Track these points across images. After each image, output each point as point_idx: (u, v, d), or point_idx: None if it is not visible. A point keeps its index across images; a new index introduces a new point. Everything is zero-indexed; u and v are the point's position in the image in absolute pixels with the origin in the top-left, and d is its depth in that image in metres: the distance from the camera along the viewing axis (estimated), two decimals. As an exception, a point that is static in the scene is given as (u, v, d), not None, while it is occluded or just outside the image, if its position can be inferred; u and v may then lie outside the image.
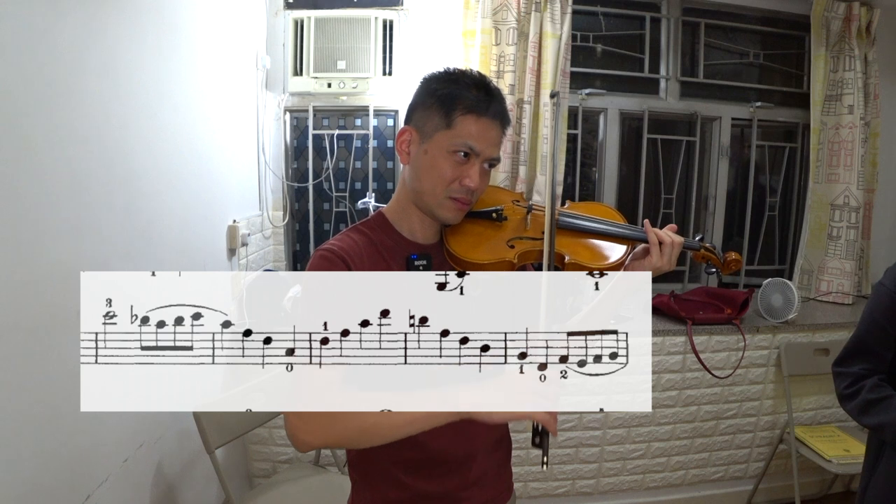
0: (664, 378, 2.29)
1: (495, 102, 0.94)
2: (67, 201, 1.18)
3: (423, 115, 0.95)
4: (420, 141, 0.95)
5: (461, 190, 0.94)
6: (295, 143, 2.55)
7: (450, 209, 0.95)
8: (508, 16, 2.31)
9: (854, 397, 1.29)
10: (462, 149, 0.92)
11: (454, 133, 0.92)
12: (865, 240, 2.75)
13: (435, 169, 0.93)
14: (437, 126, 0.93)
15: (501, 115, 0.95)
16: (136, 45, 1.44)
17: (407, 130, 0.97)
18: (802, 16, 2.63)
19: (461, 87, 0.93)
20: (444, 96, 0.93)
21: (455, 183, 0.93)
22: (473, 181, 0.93)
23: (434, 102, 0.94)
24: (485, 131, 0.93)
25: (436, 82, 0.96)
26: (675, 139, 2.77)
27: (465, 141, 0.92)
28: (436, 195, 0.94)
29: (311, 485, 1.86)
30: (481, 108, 0.92)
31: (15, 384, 1.04)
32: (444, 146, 0.92)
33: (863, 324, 1.33)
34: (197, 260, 1.83)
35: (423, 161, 0.94)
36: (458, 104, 0.92)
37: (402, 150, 0.98)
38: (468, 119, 0.92)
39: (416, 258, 0.96)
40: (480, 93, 0.93)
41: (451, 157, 0.92)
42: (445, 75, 0.96)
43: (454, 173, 0.93)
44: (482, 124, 0.92)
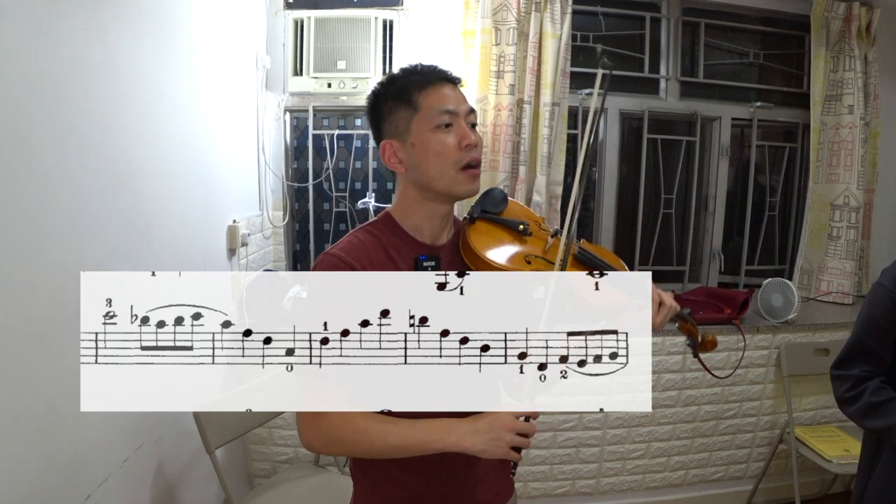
0: (664, 378, 2.29)
1: (435, 69, 0.97)
2: (67, 201, 1.18)
3: (389, 121, 0.96)
4: (402, 143, 0.95)
5: (467, 153, 0.94)
6: (295, 143, 2.55)
7: (466, 180, 0.95)
8: (508, 16, 2.31)
9: (856, 401, 1.26)
10: (442, 118, 0.93)
11: (425, 111, 0.93)
12: (865, 240, 2.75)
13: (431, 152, 0.93)
14: (408, 117, 0.94)
15: (446, 75, 0.97)
16: (135, 46, 1.44)
17: (386, 144, 0.97)
18: (802, 16, 2.63)
19: (403, 78, 0.96)
20: (395, 92, 0.95)
21: (456, 151, 0.93)
22: (470, 137, 0.94)
23: (391, 103, 0.96)
24: (447, 92, 0.95)
25: (381, 89, 0.98)
26: (675, 139, 2.77)
27: (439, 108, 0.93)
28: (446, 175, 0.94)
29: (311, 485, 1.86)
30: (429, 79, 0.95)
31: (15, 384, 1.04)
32: (425, 127, 0.93)
33: (861, 325, 1.30)
34: (197, 260, 1.83)
35: (416, 154, 0.94)
36: (411, 88, 0.94)
37: (392, 164, 0.97)
38: (428, 92, 0.94)
39: (424, 259, 0.96)
40: (420, 71, 0.96)
41: (438, 132, 0.93)
42: (385, 80, 0.99)
43: (450, 142, 0.93)
44: (440, 89, 0.94)
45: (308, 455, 2.12)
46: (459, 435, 0.87)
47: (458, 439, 0.87)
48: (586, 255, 1.04)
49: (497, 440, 0.87)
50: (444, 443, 0.88)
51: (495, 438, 0.87)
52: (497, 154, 2.36)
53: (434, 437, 0.88)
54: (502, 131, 2.34)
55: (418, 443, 0.88)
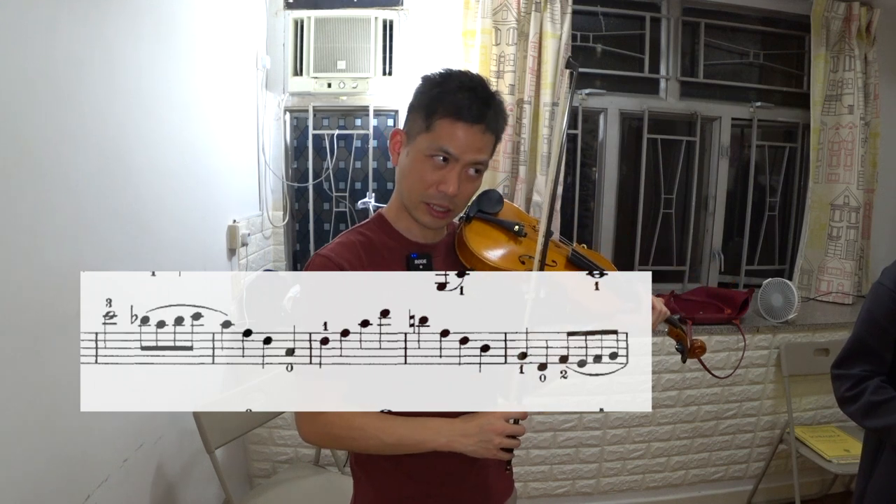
0: (664, 378, 2.29)
1: (481, 106, 0.90)
2: (67, 201, 1.18)
3: (410, 118, 0.96)
4: (406, 143, 0.95)
5: (438, 195, 0.92)
6: (295, 143, 2.55)
7: (425, 213, 0.94)
8: (508, 16, 2.31)
9: (856, 400, 1.26)
10: (439, 153, 0.90)
11: (432, 136, 0.90)
12: (865, 240, 2.75)
13: (414, 172, 0.93)
14: (419, 129, 0.92)
15: (486, 118, 0.91)
16: (135, 46, 1.44)
17: (398, 132, 0.97)
18: (802, 16, 2.63)
19: (445, 90, 0.91)
20: (426, 99, 0.92)
21: (432, 188, 0.91)
22: (451, 187, 0.90)
23: (417, 105, 0.94)
24: (465, 136, 0.90)
25: (424, 84, 0.95)
26: (675, 139, 2.76)
27: (442, 145, 0.90)
28: (412, 198, 0.94)
29: (311, 485, 1.86)
30: (462, 112, 0.89)
31: (15, 384, 1.04)
32: (423, 149, 0.91)
33: (862, 325, 1.30)
34: (197, 260, 1.83)
35: (405, 163, 0.95)
36: (439, 107, 0.90)
37: (393, 150, 0.98)
38: (445, 122, 0.89)
39: (416, 257, 0.96)
40: (465, 95, 0.90)
41: (430, 161, 0.91)
42: (436, 77, 0.94)
43: (432, 178, 0.91)
44: (462, 128, 0.89)
45: (308, 455, 2.12)
46: (450, 436, 0.90)
47: (449, 440, 0.90)
48: (579, 257, 1.05)
49: (486, 443, 0.89)
50: (436, 443, 0.90)
51: (485, 441, 0.89)
52: (497, 154, 2.35)
53: (426, 437, 0.90)
54: (502, 131, 2.34)
55: (412, 442, 0.91)
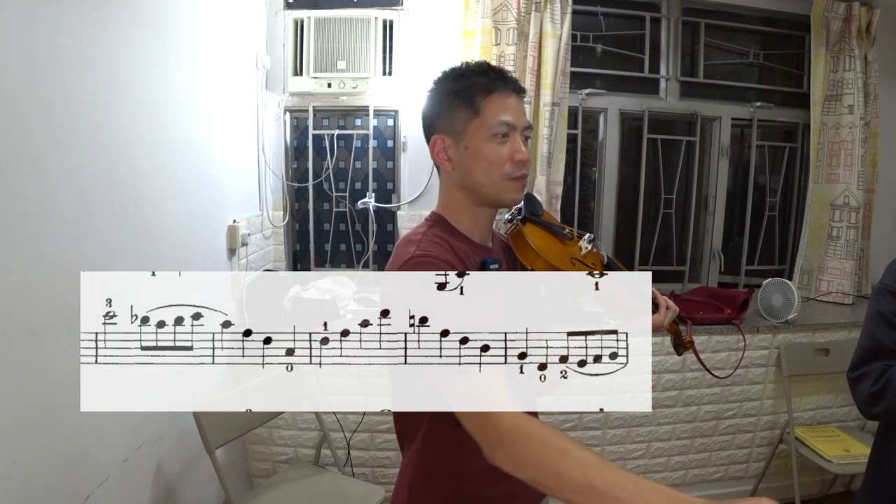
0: (664, 378, 2.29)
1: (505, 76, 0.96)
2: (67, 201, 1.19)
3: (448, 117, 0.96)
4: (455, 142, 0.96)
5: (516, 167, 0.95)
6: (295, 143, 2.55)
7: (513, 189, 0.97)
8: (508, 16, 2.31)
9: (886, 390, 1.19)
10: (500, 128, 0.93)
11: (485, 117, 0.93)
12: (865, 240, 2.75)
13: (483, 159, 0.94)
14: (467, 119, 0.94)
15: (515, 84, 0.97)
16: (135, 46, 1.44)
17: (438, 139, 0.97)
18: (802, 16, 2.63)
19: (471, 77, 0.95)
20: (461, 90, 0.95)
21: (508, 163, 0.94)
22: (523, 154, 0.95)
23: (454, 100, 0.95)
24: (514, 104, 0.95)
25: (446, 83, 0.97)
26: (675, 139, 2.76)
27: (499, 119, 0.93)
28: (495, 183, 0.95)
29: (311, 485, 1.86)
30: (498, 86, 0.94)
31: (15, 384, 1.04)
32: (483, 134, 0.94)
33: (873, 324, 1.27)
34: (197, 260, 1.83)
35: (468, 157, 0.95)
36: (477, 90, 0.94)
37: (440, 160, 0.98)
38: (492, 99, 0.94)
39: (490, 262, 0.98)
40: (491, 73, 0.95)
41: (494, 140, 0.94)
42: (451, 74, 0.98)
43: (504, 153, 0.94)
44: (505, 99, 0.94)
45: (308, 455, 2.12)
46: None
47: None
48: (612, 263, 1.14)
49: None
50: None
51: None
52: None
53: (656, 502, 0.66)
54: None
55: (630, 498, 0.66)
